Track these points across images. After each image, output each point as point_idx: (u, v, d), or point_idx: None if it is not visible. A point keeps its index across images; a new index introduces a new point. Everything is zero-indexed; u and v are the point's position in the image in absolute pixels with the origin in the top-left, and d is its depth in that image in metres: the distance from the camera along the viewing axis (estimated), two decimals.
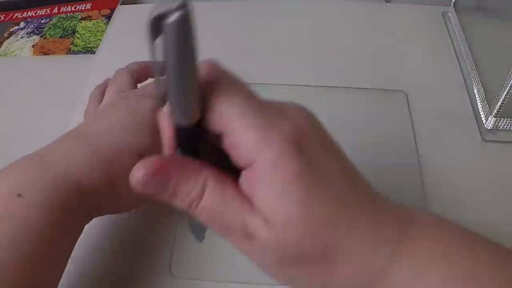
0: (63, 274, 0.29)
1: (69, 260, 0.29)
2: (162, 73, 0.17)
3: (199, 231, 0.25)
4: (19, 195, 0.26)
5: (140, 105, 0.34)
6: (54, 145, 0.31)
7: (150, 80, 0.40)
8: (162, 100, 0.18)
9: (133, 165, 0.28)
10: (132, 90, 0.37)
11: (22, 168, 0.28)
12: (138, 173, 0.20)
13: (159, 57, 0.16)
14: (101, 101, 0.38)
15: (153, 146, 0.33)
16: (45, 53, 0.54)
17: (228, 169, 0.21)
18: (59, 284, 0.28)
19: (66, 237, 0.29)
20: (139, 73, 0.39)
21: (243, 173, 0.21)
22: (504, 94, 0.38)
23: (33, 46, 0.55)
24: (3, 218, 0.25)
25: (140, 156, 0.31)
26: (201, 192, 0.20)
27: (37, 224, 0.26)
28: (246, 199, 0.21)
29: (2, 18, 0.60)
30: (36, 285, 0.26)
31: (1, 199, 0.26)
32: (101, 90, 0.40)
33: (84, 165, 0.29)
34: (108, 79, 0.41)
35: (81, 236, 0.30)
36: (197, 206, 0.21)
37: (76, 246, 0.30)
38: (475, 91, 0.45)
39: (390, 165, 0.40)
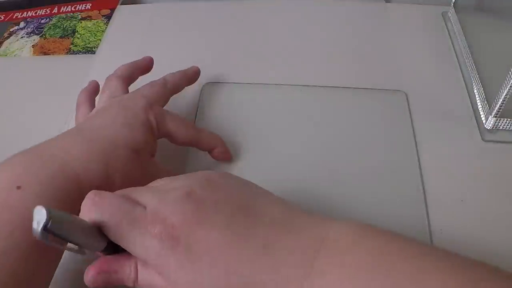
0: (60, 272, 0.29)
1: (64, 259, 0.30)
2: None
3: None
4: (18, 187, 0.27)
5: (133, 103, 0.35)
6: (53, 140, 0.32)
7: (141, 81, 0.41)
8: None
9: (128, 158, 0.33)
10: (125, 94, 0.38)
11: (22, 161, 0.29)
12: (88, 274, 0.26)
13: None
14: (91, 106, 0.39)
15: (146, 142, 0.34)
16: (45, 53, 0.54)
17: None
18: (55, 282, 0.29)
19: None
20: (128, 76, 0.40)
21: None
22: (504, 94, 0.38)
23: (33, 46, 0.55)
24: (3, 209, 0.26)
25: (135, 151, 0.33)
26: (136, 272, 0.26)
27: None
28: None
29: (2, 18, 0.60)
30: (34, 273, 0.27)
31: (1, 191, 0.27)
32: (88, 94, 0.40)
33: (81, 159, 0.30)
34: (93, 81, 0.42)
35: None
36: (138, 282, 0.26)
37: None
38: (475, 91, 0.45)
39: (390, 165, 0.40)
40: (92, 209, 0.25)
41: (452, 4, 0.52)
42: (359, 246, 0.23)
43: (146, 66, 0.42)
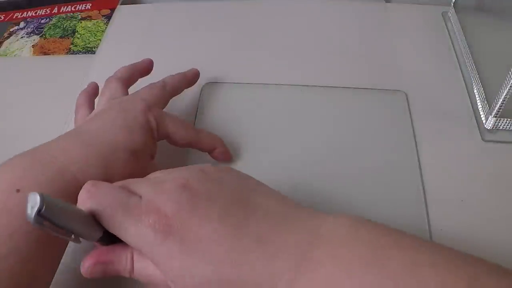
0: (58, 272, 0.29)
1: (64, 259, 0.30)
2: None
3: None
4: (17, 191, 0.27)
5: (133, 106, 0.35)
6: (53, 143, 0.32)
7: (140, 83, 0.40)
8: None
9: (127, 161, 0.33)
10: (125, 96, 0.38)
11: (22, 163, 0.29)
12: (85, 264, 0.26)
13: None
14: (90, 108, 0.39)
15: (145, 144, 0.34)
16: (45, 53, 0.54)
17: None
18: (54, 281, 0.29)
19: None
20: (128, 78, 0.40)
21: None
22: (504, 94, 0.38)
23: (33, 46, 0.55)
24: (3, 212, 0.26)
25: (134, 153, 0.33)
26: (131, 263, 0.26)
27: None
28: None
29: (2, 18, 0.60)
30: (33, 276, 0.27)
31: (1, 193, 0.27)
32: (87, 95, 0.40)
33: (80, 163, 0.30)
34: (92, 83, 0.42)
35: None
36: (133, 273, 0.26)
37: (70, 244, 0.31)
38: (475, 91, 0.45)
39: (390, 165, 0.40)
40: (88, 199, 0.25)
41: (452, 4, 0.52)
42: (353, 239, 0.23)
43: (145, 68, 0.42)
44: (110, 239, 0.26)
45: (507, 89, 0.37)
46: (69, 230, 0.23)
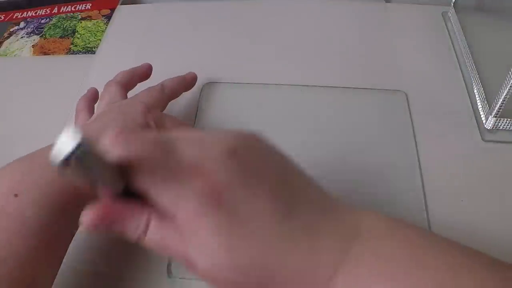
0: (59, 273, 0.29)
1: (66, 260, 0.30)
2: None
3: None
4: (15, 195, 0.27)
5: (132, 109, 0.35)
6: (51, 146, 0.32)
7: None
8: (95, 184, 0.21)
9: None
10: (124, 100, 0.38)
11: (21, 167, 0.29)
12: (89, 216, 0.22)
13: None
14: (90, 113, 0.39)
15: None
16: (45, 53, 0.54)
17: None
18: (54, 284, 0.29)
19: (61, 236, 0.29)
20: (127, 82, 0.40)
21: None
22: (504, 94, 0.38)
23: (33, 46, 0.55)
24: (2, 216, 0.26)
25: None
26: (146, 228, 0.22)
27: (32, 223, 0.27)
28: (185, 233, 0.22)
29: (2, 18, 0.60)
30: (33, 281, 0.27)
31: (0, 198, 0.27)
32: (87, 100, 0.40)
33: None
34: (92, 88, 0.42)
35: (78, 235, 0.31)
36: (144, 239, 0.23)
37: (72, 245, 0.31)
38: (475, 91, 0.45)
39: (390, 165, 0.40)
40: (124, 144, 0.21)
41: (452, 4, 0.52)
42: (392, 237, 0.24)
43: (145, 73, 0.42)
44: (128, 193, 0.22)
45: (507, 89, 0.37)
46: (94, 179, 0.20)
